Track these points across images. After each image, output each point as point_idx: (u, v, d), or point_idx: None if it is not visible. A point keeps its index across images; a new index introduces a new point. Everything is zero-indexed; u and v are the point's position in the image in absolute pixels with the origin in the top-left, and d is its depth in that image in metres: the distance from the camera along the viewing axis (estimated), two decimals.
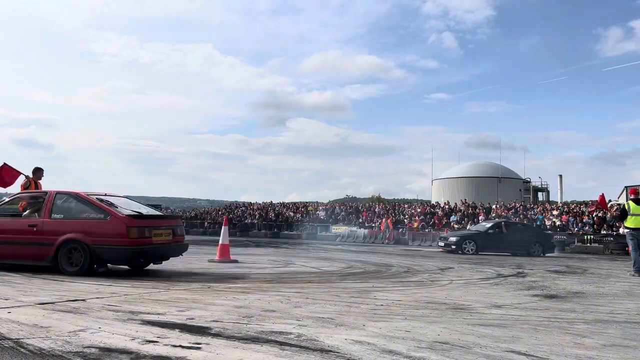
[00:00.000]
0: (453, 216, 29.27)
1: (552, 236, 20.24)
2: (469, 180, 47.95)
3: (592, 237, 21.71)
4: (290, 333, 3.50)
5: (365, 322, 4.00)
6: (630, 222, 9.95)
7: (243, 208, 41.24)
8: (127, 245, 6.72)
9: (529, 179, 48.57)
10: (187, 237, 8.65)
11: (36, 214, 7.47)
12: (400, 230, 28.42)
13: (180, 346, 3.05)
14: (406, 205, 35.75)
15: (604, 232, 22.16)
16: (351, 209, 35.41)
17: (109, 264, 7.24)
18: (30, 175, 9.22)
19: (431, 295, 5.94)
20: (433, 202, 39.80)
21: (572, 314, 4.85)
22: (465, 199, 34.07)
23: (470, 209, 30.17)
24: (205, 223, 38.22)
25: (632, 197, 10.45)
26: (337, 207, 36.71)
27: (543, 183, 49.31)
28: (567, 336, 3.73)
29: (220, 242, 10.10)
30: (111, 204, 7.26)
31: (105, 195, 7.69)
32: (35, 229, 7.12)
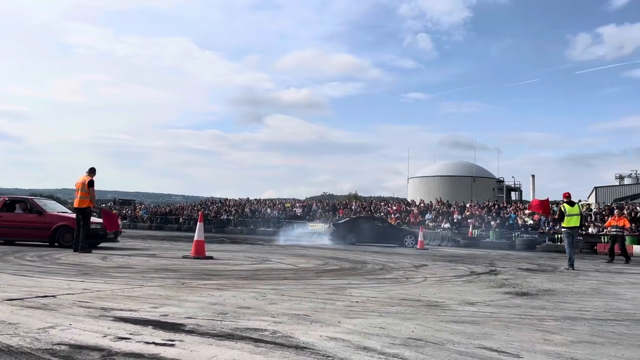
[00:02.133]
0: (428, 214, 29.61)
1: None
2: (444, 179, 48.57)
3: (562, 236, 22.19)
4: (265, 330, 3.49)
5: (341, 319, 4.02)
6: (566, 222, 11.26)
7: (219, 204, 40.93)
8: None
9: (502, 179, 49.45)
10: (162, 233, 8.54)
11: None
12: None
13: (154, 343, 3.01)
14: (382, 203, 35.99)
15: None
16: (328, 206, 35.49)
17: None
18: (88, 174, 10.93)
19: (406, 292, 6.00)
20: (409, 200, 40.14)
21: (543, 311, 4.96)
22: (440, 198, 34.49)
23: (445, 207, 30.55)
24: (180, 219, 37.82)
25: (565, 200, 11.72)
26: (314, 204, 36.74)
27: (516, 183, 50.35)
28: (538, 333, 3.81)
29: (195, 238, 10.01)
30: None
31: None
32: None
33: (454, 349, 3.16)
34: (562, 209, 11.41)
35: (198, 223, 10.22)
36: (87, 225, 10.71)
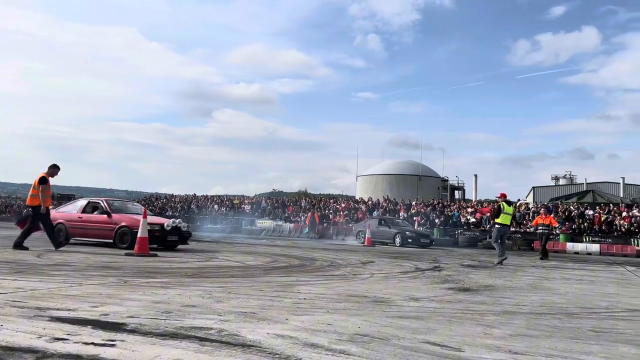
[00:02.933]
0: (376, 212, 30.07)
1: None
2: (391, 178, 49.49)
3: (493, 232, 23.12)
4: (212, 328, 3.43)
5: (288, 316, 4.01)
6: (502, 219, 11.96)
7: (164, 200, 39.92)
8: None
9: (446, 178, 50.93)
10: None
11: None
12: (325, 224, 28.79)
13: (93, 343, 2.89)
14: (331, 201, 36.25)
15: (513, 229, 23.68)
16: (277, 203, 35.36)
17: None
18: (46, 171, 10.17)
19: (353, 288, 6.07)
20: (357, 197, 40.65)
21: (483, 306, 5.14)
22: (388, 196, 35.11)
23: (391, 205, 31.14)
24: None
25: (502, 199, 12.41)
26: (263, 201, 36.52)
27: (459, 182, 51.95)
28: (478, 327, 3.94)
29: (138, 235, 9.70)
30: None
31: None
32: None
33: (399, 344, 3.22)
34: (502, 207, 12.02)
35: (141, 220, 9.92)
36: (32, 223, 10.15)
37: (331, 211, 31.51)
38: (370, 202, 32.35)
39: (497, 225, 12.12)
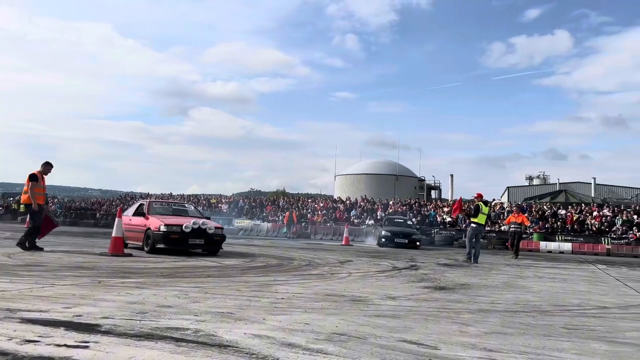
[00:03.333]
0: (353, 211, 30.18)
1: None
2: (369, 177, 49.74)
3: (469, 231, 23.42)
4: (188, 329, 3.39)
5: (266, 316, 3.99)
6: (479, 219, 12.18)
7: (140, 199, 39.35)
8: None
9: (423, 178, 51.45)
10: (77, 229, 8.06)
11: None
12: (304, 224, 28.78)
13: (65, 345, 2.83)
14: (310, 200, 36.25)
15: (488, 228, 24.06)
16: (255, 203, 35.21)
17: None
18: (39, 169, 9.71)
19: (331, 287, 6.08)
20: (335, 197, 40.73)
21: (459, 304, 5.21)
22: (365, 195, 35.28)
23: (369, 204, 31.29)
24: (97, 214, 36.00)
25: (479, 199, 12.64)
26: (241, 201, 36.31)
27: (436, 182, 52.53)
28: (454, 325, 3.99)
29: (113, 234, 9.54)
30: None
31: None
32: None
33: (376, 343, 3.23)
34: (480, 207, 12.23)
35: (117, 219, 9.75)
36: (33, 222, 9.95)
37: (309, 210, 31.52)
38: (348, 202, 32.45)
39: (473, 225, 12.30)
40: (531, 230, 23.46)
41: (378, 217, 28.26)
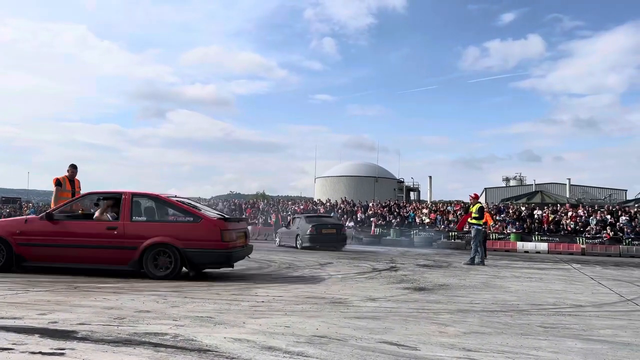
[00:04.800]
0: (333, 213, 30.21)
1: None
2: (349, 179, 49.90)
3: (456, 233, 23.73)
4: (166, 334, 3.35)
5: (246, 320, 3.97)
6: (486, 220, 12.18)
7: None
8: (222, 248, 6.76)
9: (402, 179, 51.83)
10: None
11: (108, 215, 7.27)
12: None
13: (40, 352, 2.77)
14: (290, 202, 36.20)
15: (466, 229, 24.35)
16: (234, 206, 35.02)
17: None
18: (66, 173, 9.46)
19: (311, 290, 6.07)
20: (315, 199, 40.73)
21: (438, 305, 5.26)
22: (345, 197, 35.38)
23: (349, 206, 31.40)
24: None
25: (477, 201, 12.51)
26: (220, 204, 36.06)
27: (415, 183, 52.98)
28: (433, 325, 4.03)
29: None
30: (196, 207, 7.41)
31: (176, 197, 7.64)
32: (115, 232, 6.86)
33: (356, 345, 3.24)
34: (483, 208, 12.14)
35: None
36: None
37: (289, 213, 31.46)
38: (328, 204, 32.50)
39: (478, 227, 11.81)
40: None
41: (358, 219, 28.36)
